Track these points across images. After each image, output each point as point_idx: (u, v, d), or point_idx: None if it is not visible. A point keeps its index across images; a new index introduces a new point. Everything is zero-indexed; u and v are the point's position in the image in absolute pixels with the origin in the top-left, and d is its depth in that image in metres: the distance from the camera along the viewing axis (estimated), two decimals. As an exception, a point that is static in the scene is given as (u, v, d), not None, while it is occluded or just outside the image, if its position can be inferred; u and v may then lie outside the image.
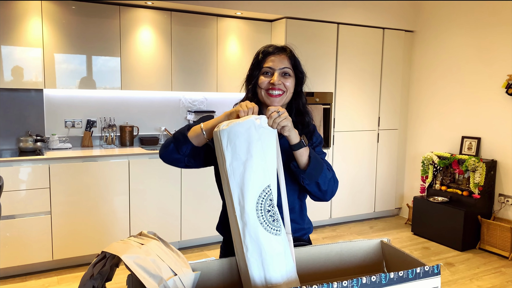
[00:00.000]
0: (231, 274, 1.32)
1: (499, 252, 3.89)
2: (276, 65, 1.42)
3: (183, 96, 4.42)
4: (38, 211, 3.34)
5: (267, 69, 1.42)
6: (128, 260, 1.15)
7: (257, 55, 1.47)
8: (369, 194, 4.95)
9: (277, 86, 1.41)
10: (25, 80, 3.51)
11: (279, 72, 1.42)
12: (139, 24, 3.86)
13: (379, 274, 1.15)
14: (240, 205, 1.21)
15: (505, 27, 3.99)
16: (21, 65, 3.48)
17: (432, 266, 1.22)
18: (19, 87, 3.51)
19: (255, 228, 1.22)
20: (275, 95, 1.42)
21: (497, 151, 4.11)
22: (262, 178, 1.22)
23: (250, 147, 1.19)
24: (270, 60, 1.43)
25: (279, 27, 4.32)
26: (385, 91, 4.90)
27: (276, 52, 1.44)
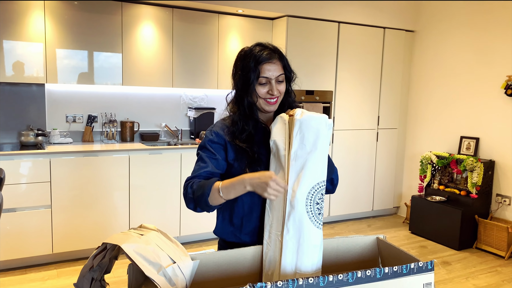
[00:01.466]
0: (229, 266, 1.35)
1: (495, 251, 3.92)
2: (272, 74, 1.43)
3: (183, 92, 4.44)
4: (38, 205, 3.37)
5: (263, 79, 1.43)
6: (128, 248, 1.18)
7: (249, 59, 1.44)
8: (368, 192, 4.97)
9: (275, 95, 1.45)
10: (26, 75, 3.53)
11: (275, 81, 1.44)
12: (141, 20, 3.88)
13: (374, 268, 1.17)
14: (293, 190, 1.29)
15: (504, 29, 4.01)
16: (23, 59, 3.50)
17: (426, 262, 1.25)
18: (20, 81, 3.54)
19: (301, 214, 1.30)
20: (272, 102, 1.46)
21: (495, 151, 4.14)
22: (319, 172, 1.31)
23: (317, 141, 1.27)
24: (266, 69, 1.42)
25: (280, 25, 4.34)
26: (385, 91, 4.93)
27: (269, 59, 1.43)
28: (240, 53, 1.49)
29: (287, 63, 1.49)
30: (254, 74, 1.42)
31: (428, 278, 1.26)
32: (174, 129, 4.39)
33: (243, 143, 1.46)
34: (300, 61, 4.37)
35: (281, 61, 1.47)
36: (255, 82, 1.43)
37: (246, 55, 1.46)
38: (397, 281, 1.21)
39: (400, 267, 1.21)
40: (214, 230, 1.61)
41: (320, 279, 1.11)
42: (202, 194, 1.35)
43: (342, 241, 1.51)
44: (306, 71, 4.41)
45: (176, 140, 4.33)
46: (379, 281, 1.18)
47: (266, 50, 1.45)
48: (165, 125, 4.34)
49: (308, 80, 4.42)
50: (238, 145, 1.47)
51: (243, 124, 1.47)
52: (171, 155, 3.83)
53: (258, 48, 1.45)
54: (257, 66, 1.42)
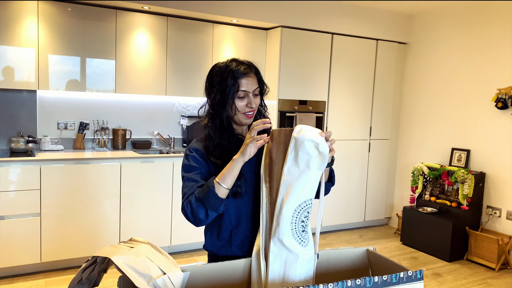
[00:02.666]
0: (219, 279, 1.34)
1: (486, 263, 3.93)
2: (249, 88, 1.46)
3: (177, 100, 4.43)
4: (27, 213, 3.32)
5: (242, 93, 1.45)
6: (118, 261, 1.17)
7: (226, 74, 1.44)
8: (360, 203, 4.98)
9: (253, 108, 1.48)
10: (18, 81, 3.51)
11: (252, 94, 1.47)
12: (135, 28, 3.88)
13: (364, 277, 1.18)
14: (281, 206, 1.29)
15: (495, 42, 4.07)
16: (15, 65, 3.48)
17: (415, 271, 1.25)
18: (12, 87, 3.51)
19: (285, 231, 1.31)
20: (250, 115, 1.49)
21: (486, 163, 4.17)
22: (308, 191, 1.30)
23: (310, 161, 1.27)
24: (244, 83, 1.44)
25: (274, 35, 4.37)
26: (377, 101, 4.96)
27: (246, 73, 1.45)
28: (214, 69, 1.50)
29: (261, 76, 1.53)
30: (233, 88, 1.43)
31: (417, 287, 1.26)
32: (167, 137, 4.38)
33: (217, 160, 1.46)
34: (294, 71, 4.39)
35: (257, 75, 1.50)
36: (235, 95, 1.44)
37: (223, 70, 1.46)
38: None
39: (389, 276, 1.22)
40: (204, 246, 1.61)
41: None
42: (208, 191, 1.34)
43: (333, 253, 1.51)
44: (300, 81, 4.43)
45: (169, 148, 4.31)
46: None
47: (243, 65, 1.47)
48: (158, 133, 4.33)
49: (301, 90, 4.44)
50: (210, 159, 1.47)
51: (218, 139, 1.47)
52: (163, 164, 3.81)
53: (234, 64, 1.47)
54: (236, 80, 1.44)
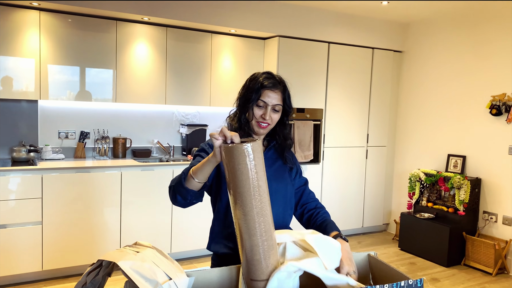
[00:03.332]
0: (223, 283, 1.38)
1: (483, 268, 3.98)
2: (270, 101, 1.54)
3: (176, 109, 4.49)
4: (29, 221, 3.35)
5: (261, 102, 1.54)
6: (125, 265, 1.21)
7: (255, 82, 1.55)
8: (358, 209, 5.03)
9: (267, 121, 1.55)
10: (19, 91, 3.56)
11: (271, 108, 1.54)
12: (135, 38, 3.94)
13: (366, 286, 1.22)
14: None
15: (489, 50, 4.15)
16: (17, 75, 3.53)
17: (416, 280, 1.29)
18: (13, 97, 3.56)
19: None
20: (263, 126, 1.56)
21: (481, 169, 4.23)
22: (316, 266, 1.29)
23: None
24: (266, 94, 1.53)
25: (272, 44, 4.44)
26: (374, 109, 5.03)
27: (272, 87, 1.54)
28: (250, 76, 1.62)
29: (288, 97, 1.60)
30: (256, 95, 1.54)
31: (417, 295, 1.30)
32: (166, 145, 4.42)
33: None
34: (291, 80, 4.42)
35: (283, 93, 1.58)
36: (254, 102, 1.54)
37: (254, 78, 1.58)
38: (388, 298, 1.25)
39: (391, 285, 1.25)
40: (208, 246, 1.65)
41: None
42: (179, 178, 1.41)
43: (334, 258, 1.55)
44: (297, 90, 4.50)
45: (168, 156, 4.36)
46: (370, 298, 1.22)
47: (272, 79, 1.57)
48: (157, 141, 4.37)
49: (298, 98, 4.50)
50: None
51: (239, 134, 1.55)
52: (163, 172, 3.85)
53: (265, 75, 1.57)
54: (260, 89, 1.54)
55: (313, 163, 4.63)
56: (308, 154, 4.54)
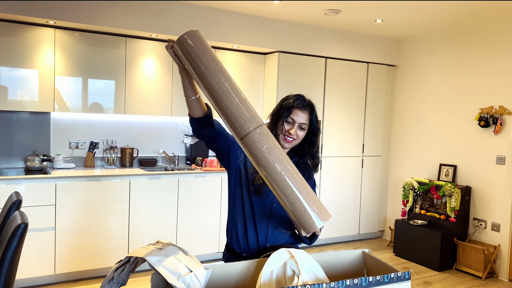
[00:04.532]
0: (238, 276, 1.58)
1: (473, 272, 4.18)
2: (298, 119, 1.75)
3: (181, 121, 4.70)
4: (43, 227, 3.54)
5: (290, 119, 1.75)
6: (152, 260, 1.40)
7: (287, 101, 1.77)
8: (354, 217, 5.23)
9: (292, 136, 1.75)
10: (34, 103, 3.76)
11: (297, 125, 1.75)
12: (144, 54, 4.17)
13: (360, 277, 1.41)
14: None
15: (477, 65, 4.40)
16: (32, 88, 3.73)
17: (404, 272, 1.49)
18: (28, 109, 3.76)
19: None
20: (289, 140, 1.76)
21: (471, 178, 4.46)
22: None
23: None
24: (296, 113, 1.75)
25: (272, 59, 4.68)
26: (369, 120, 5.26)
27: (301, 107, 1.76)
28: (284, 97, 1.83)
29: (315, 119, 1.80)
30: (287, 113, 1.76)
31: (405, 286, 1.50)
32: (171, 155, 4.62)
33: None
34: (290, 92, 4.64)
35: (310, 114, 1.78)
36: (284, 119, 1.76)
37: (287, 98, 1.80)
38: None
39: (382, 276, 1.45)
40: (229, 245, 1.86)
41: (315, 286, 1.34)
42: None
43: (333, 254, 1.75)
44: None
45: (173, 165, 4.56)
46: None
47: (302, 101, 1.78)
48: (163, 151, 4.57)
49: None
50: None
51: None
52: (169, 180, 4.05)
53: (297, 97, 1.79)
54: (290, 108, 1.76)
55: (311, 172, 4.83)
56: (306, 164, 4.74)
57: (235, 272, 1.59)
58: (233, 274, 1.59)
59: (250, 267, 1.61)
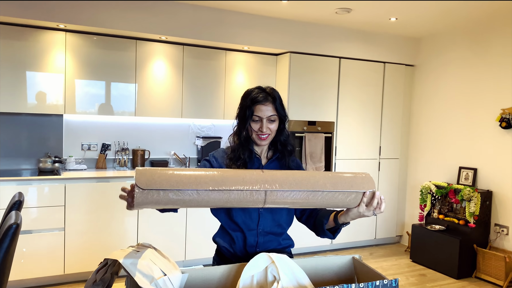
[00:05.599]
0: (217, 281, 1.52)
1: (493, 281, 3.97)
2: (264, 114, 1.66)
3: (192, 122, 4.70)
4: (53, 227, 3.59)
5: (256, 117, 1.67)
6: (125, 262, 1.37)
7: (246, 98, 1.69)
8: (370, 221, 5.08)
9: (265, 132, 1.67)
10: (47, 105, 3.83)
11: (266, 120, 1.67)
12: (154, 56, 4.19)
13: (342, 285, 1.33)
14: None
15: (498, 63, 4.20)
16: (44, 91, 3.81)
17: (391, 280, 1.41)
18: (41, 111, 3.83)
19: None
20: (263, 138, 1.68)
21: (493, 182, 4.25)
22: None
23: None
24: (259, 109, 1.65)
25: (284, 60, 4.61)
26: (386, 122, 5.11)
27: (263, 101, 1.66)
28: (244, 93, 1.74)
29: (280, 106, 1.70)
30: (249, 112, 1.67)
31: (392, 294, 1.41)
32: (183, 156, 4.62)
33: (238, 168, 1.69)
34: (303, 93, 4.61)
35: (274, 103, 1.68)
36: (250, 119, 1.67)
37: (246, 95, 1.71)
38: (364, 297, 1.36)
39: (366, 284, 1.36)
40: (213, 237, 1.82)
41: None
42: None
43: (321, 260, 1.67)
44: (308, 103, 4.64)
45: (184, 167, 4.55)
46: (346, 296, 1.34)
47: (262, 93, 1.69)
48: (174, 153, 4.58)
49: (310, 111, 4.64)
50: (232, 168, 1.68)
51: (239, 153, 1.70)
52: (178, 182, 4.03)
53: (256, 91, 1.70)
54: (251, 106, 1.67)
55: (325, 175, 4.73)
56: (319, 166, 4.65)
57: (215, 276, 1.54)
58: (213, 278, 1.54)
59: (231, 272, 1.55)
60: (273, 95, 1.70)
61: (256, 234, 1.72)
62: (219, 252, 1.82)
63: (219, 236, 1.79)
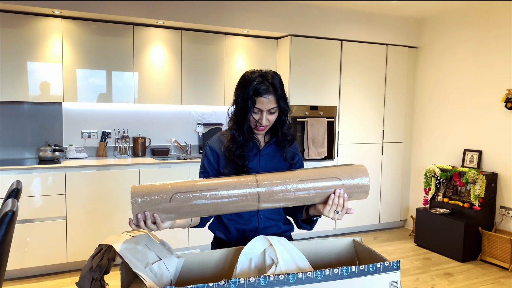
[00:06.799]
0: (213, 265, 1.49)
1: (499, 263, 3.93)
2: (264, 107, 1.57)
3: (193, 109, 4.65)
4: (54, 216, 3.58)
5: (257, 109, 1.58)
6: (119, 248, 1.34)
7: (247, 87, 1.58)
8: (374, 206, 5.04)
9: (264, 124, 1.59)
10: (47, 94, 3.79)
11: (266, 112, 1.58)
12: (152, 42, 4.12)
13: (342, 267, 1.29)
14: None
15: (504, 44, 4.10)
16: (44, 80, 3.77)
17: (392, 262, 1.36)
18: (42, 100, 3.79)
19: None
20: (261, 129, 1.61)
21: (498, 164, 4.18)
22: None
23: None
24: (260, 101, 1.56)
25: (285, 44, 4.53)
26: (389, 105, 5.04)
27: (265, 93, 1.55)
28: (244, 77, 1.62)
29: (282, 98, 1.60)
30: (251, 103, 1.57)
31: (394, 276, 1.37)
32: (184, 144, 4.59)
33: (237, 158, 1.63)
34: (304, 77, 4.53)
35: (276, 95, 1.58)
36: (251, 110, 1.58)
37: (246, 83, 1.59)
38: (365, 279, 1.32)
39: (367, 266, 1.32)
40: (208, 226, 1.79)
41: (290, 275, 1.23)
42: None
43: (320, 242, 1.64)
44: (310, 87, 4.57)
45: (186, 154, 4.52)
46: (347, 279, 1.29)
47: (264, 83, 1.57)
48: (175, 140, 4.54)
49: (311, 95, 4.58)
50: (231, 157, 1.62)
51: (242, 140, 1.64)
52: (180, 169, 4.01)
53: (257, 80, 1.57)
54: (253, 97, 1.57)
55: (327, 160, 4.69)
56: (321, 151, 4.60)
57: (212, 260, 1.51)
58: (210, 262, 1.51)
59: (229, 255, 1.52)
60: (275, 85, 1.58)
61: (256, 220, 1.68)
62: (217, 238, 1.79)
63: (214, 226, 1.76)
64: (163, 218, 1.37)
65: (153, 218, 1.35)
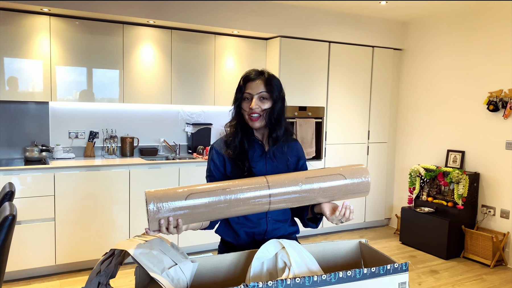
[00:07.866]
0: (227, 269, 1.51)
1: (481, 260, 4.08)
2: (253, 91, 1.59)
3: (181, 109, 4.62)
4: (42, 218, 3.51)
5: (246, 95, 1.60)
6: (135, 253, 1.34)
7: (240, 80, 1.65)
8: (360, 204, 5.14)
9: (255, 110, 1.59)
10: (30, 92, 3.71)
11: (256, 97, 1.59)
12: (141, 41, 4.08)
13: (354, 269, 1.33)
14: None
15: (486, 47, 4.24)
16: (28, 78, 3.68)
17: (401, 263, 1.41)
18: (24, 99, 3.71)
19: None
20: (254, 118, 1.60)
21: (480, 164, 4.33)
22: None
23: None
24: (249, 86, 1.60)
25: (274, 44, 4.56)
26: (374, 106, 5.14)
27: (254, 78, 1.61)
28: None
29: (275, 86, 1.61)
30: (242, 90, 1.62)
31: (403, 278, 1.42)
32: (172, 144, 4.56)
33: (237, 158, 1.64)
34: (293, 79, 4.58)
35: (266, 82, 1.60)
36: (242, 97, 1.62)
37: (241, 78, 1.67)
38: (375, 281, 1.36)
39: (377, 268, 1.36)
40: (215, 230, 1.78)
41: (306, 279, 1.26)
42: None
43: (328, 244, 1.67)
44: (299, 88, 4.62)
45: (174, 154, 4.50)
46: (359, 281, 1.33)
47: (254, 72, 1.64)
48: (164, 140, 4.51)
49: (300, 96, 4.62)
50: (233, 158, 1.64)
51: (239, 141, 1.65)
52: (170, 169, 3.99)
53: (249, 71, 1.66)
54: (243, 84, 1.62)
55: (315, 160, 4.75)
56: (310, 151, 4.66)
57: (224, 264, 1.52)
58: (222, 266, 1.52)
59: (241, 259, 1.54)
60: (267, 74, 1.63)
61: (265, 222, 1.70)
62: (225, 242, 1.80)
63: (222, 230, 1.75)
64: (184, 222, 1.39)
65: (175, 223, 1.36)
